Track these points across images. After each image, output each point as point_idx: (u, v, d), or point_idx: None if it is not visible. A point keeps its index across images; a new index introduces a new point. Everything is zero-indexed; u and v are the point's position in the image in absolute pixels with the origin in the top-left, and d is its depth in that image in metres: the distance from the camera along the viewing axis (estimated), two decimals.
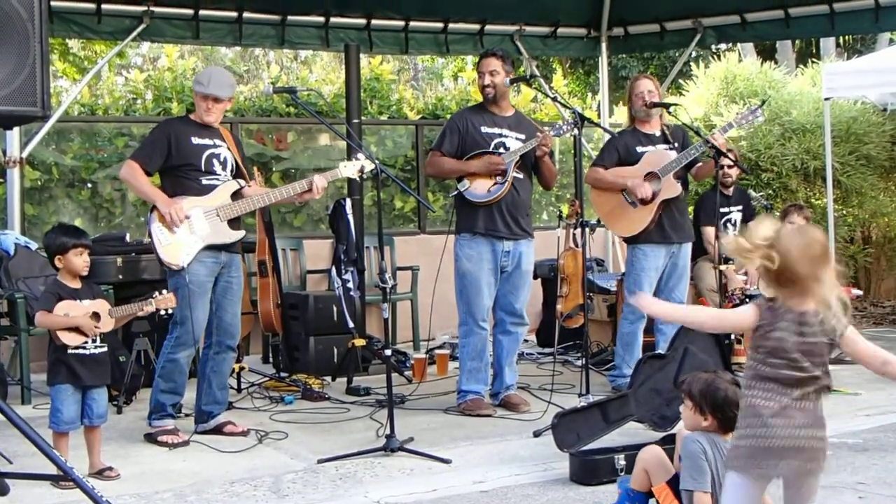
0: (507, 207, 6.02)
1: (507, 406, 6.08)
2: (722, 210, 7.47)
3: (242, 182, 5.52)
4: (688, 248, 6.63)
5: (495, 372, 6.23)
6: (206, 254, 5.31)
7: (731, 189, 7.86)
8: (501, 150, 6.06)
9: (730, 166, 7.28)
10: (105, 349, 4.76)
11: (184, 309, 5.23)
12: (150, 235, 5.28)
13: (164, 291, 5.01)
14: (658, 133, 6.56)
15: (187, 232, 5.25)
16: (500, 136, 6.10)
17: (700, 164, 6.55)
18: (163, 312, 4.98)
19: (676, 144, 6.51)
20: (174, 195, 5.31)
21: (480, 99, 6.35)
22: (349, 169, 5.52)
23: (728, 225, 7.62)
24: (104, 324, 4.72)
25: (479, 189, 6.00)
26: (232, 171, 5.51)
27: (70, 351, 4.63)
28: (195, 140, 5.40)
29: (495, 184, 5.99)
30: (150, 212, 5.30)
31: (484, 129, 6.09)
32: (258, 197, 5.47)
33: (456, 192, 6.05)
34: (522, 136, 6.11)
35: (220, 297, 5.46)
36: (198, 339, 5.38)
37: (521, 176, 6.08)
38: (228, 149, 5.51)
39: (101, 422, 4.75)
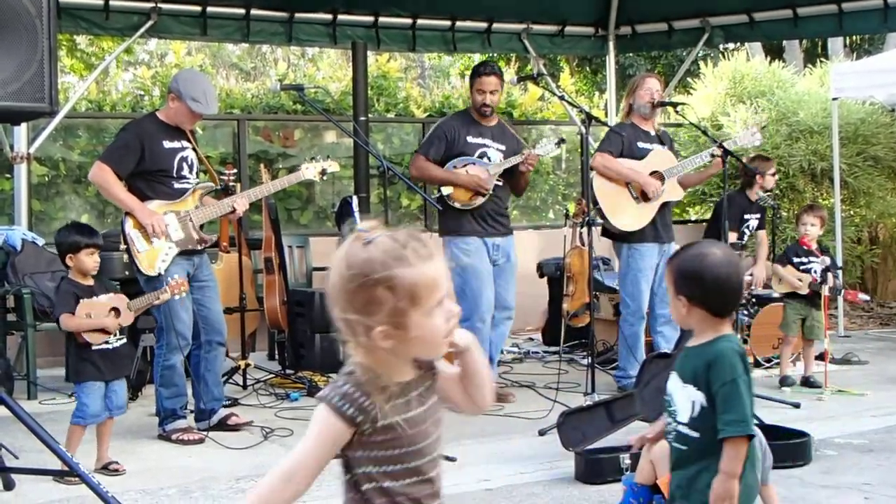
0: (489, 212, 6.26)
1: (496, 399, 6.18)
2: (745, 216, 7.56)
3: (211, 184, 5.57)
4: (673, 247, 6.66)
5: None
6: (181, 257, 5.33)
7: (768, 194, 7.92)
8: (485, 159, 6.28)
9: (773, 173, 7.44)
10: (125, 340, 4.82)
11: (168, 314, 5.25)
12: (125, 241, 5.27)
13: (176, 276, 5.05)
14: (653, 133, 6.62)
15: (163, 239, 5.25)
16: (484, 146, 6.32)
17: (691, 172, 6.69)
18: (176, 297, 5.01)
19: (666, 148, 6.63)
20: (145, 199, 5.28)
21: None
22: (311, 171, 5.71)
23: (746, 230, 7.64)
24: (124, 318, 4.76)
25: (462, 197, 6.21)
26: (196, 172, 5.53)
27: (94, 348, 4.66)
28: (167, 144, 5.37)
29: (476, 194, 6.21)
30: (125, 217, 5.28)
31: (469, 139, 6.30)
32: (218, 205, 5.50)
33: (437, 196, 6.23)
34: (503, 148, 6.34)
35: (200, 297, 5.48)
36: (188, 340, 5.39)
37: (500, 183, 6.30)
38: (193, 149, 5.51)
39: (120, 412, 4.81)
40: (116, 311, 4.74)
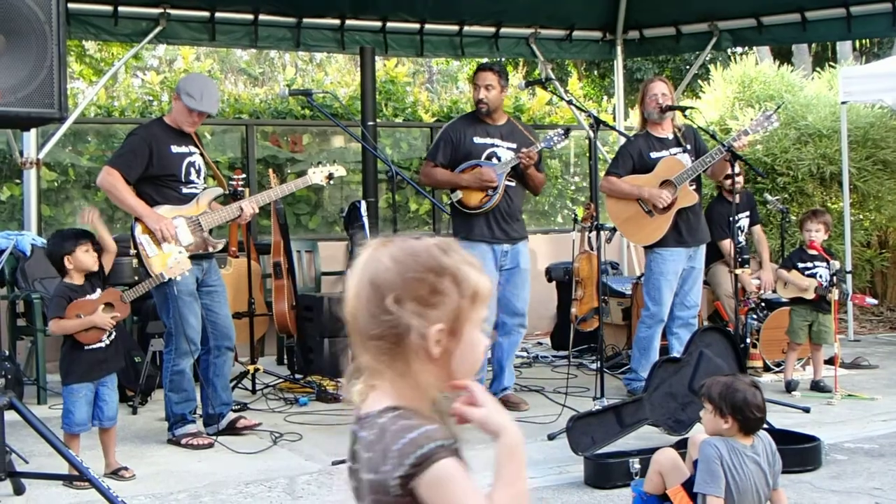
0: (501, 215, 6.18)
1: (507, 406, 6.16)
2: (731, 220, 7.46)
3: (220, 189, 5.60)
4: (703, 249, 6.63)
5: (494, 373, 6.32)
6: (190, 261, 5.34)
7: (738, 195, 7.81)
8: (494, 160, 6.22)
9: (738, 174, 7.25)
10: (114, 336, 4.80)
11: (177, 319, 5.27)
12: (135, 246, 5.28)
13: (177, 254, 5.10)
14: (671, 136, 6.53)
15: (172, 244, 5.27)
16: (493, 146, 6.25)
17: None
18: (178, 278, 5.03)
19: (689, 147, 6.51)
20: (153, 204, 5.30)
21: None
22: (317, 175, 5.75)
23: (739, 232, 7.57)
24: (120, 310, 4.76)
25: (472, 201, 6.16)
26: (204, 177, 5.56)
27: (87, 348, 4.67)
28: (174, 149, 5.38)
29: (486, 196, 6.14)
30: (134, 222, 5.30)
31: (476, 140, 6.24)
32: (226, 210, 5.52)
33: (450, 202, 6.21)
34: (514, 146, 6.25)
35: (209, 301, 5.50)
36: (197, 345, 5.40)
37: (512, 184, 6.24)
38: (201, 154, 5.54)
39: (111, 423, 4.78)
40: (111, 306, 4.75)
